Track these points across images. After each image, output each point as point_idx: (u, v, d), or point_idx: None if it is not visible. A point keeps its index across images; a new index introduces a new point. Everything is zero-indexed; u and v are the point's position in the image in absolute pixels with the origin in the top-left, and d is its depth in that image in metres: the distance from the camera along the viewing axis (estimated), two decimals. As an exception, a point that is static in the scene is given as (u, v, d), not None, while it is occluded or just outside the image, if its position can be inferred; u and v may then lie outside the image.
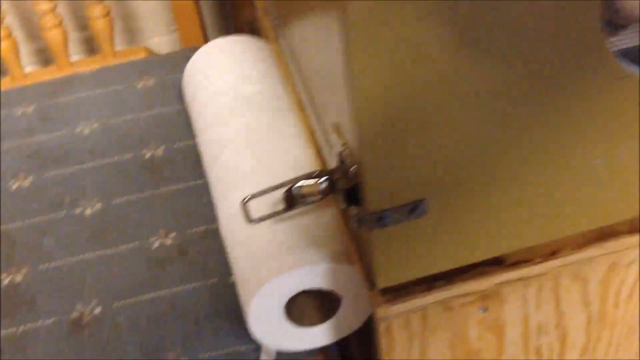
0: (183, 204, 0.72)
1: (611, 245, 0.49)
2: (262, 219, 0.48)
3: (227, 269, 0.63)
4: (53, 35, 0.92)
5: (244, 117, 0.64)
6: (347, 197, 0.44)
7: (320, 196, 0.45)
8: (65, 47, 0.94)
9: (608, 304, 0.53)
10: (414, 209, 0.43)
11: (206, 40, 1.01)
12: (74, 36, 1.06)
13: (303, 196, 0.46)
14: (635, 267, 0.51)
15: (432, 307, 0.49)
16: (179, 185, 0.74)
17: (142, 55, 0.97)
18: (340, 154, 0.46)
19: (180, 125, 0.81)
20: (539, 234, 0.48)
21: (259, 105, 0.66)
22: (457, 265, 0.48)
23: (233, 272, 0.59)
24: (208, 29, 1.11)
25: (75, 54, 1.08)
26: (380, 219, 0.42)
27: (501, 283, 0.49)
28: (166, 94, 0.85)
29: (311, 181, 0.45)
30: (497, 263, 0.49)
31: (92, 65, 0.95)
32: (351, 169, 0.44)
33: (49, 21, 0.92)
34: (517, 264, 0.49)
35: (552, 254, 0.49)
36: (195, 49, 0.81)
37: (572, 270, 0.50)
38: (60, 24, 0.92)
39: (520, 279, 0.50)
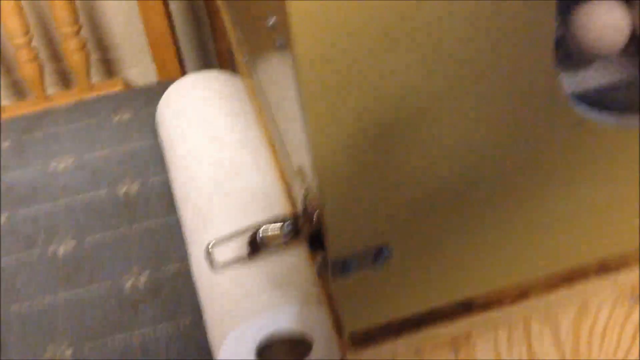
0: (157, 242, 0.71)
1: (581, 286, 0.49)
2: (227, 265, 0.47)
3: (199, 309, 0.62)
4: (29, 69, 0.92)
5: (215, 155, 0.64)
6: (311, 242, 0.44)
7: (285, 241, 0.45)
8: (41, 81, 0.94)
9: (581, 343, 0.53)
10: (378, 254, 0.43)
11: (184, 71, 1.01)
12: (51, 67, 1.05)
13: (267, 241, 0.45)
14: (606, 307, 0.51)
15: (402, 352, 0.48)
16: (153, 222, 0.73)
17: (118, 87, 0.96)
18: (304, 198, 0.45)
19: (155, 160, 0.80)
20: (507, 276, 0.47)
21: (230, 142, 0.66)
22: (425, 309, 0.47)
23: (203, 315, 0.58)
24: (187, 59, 1.11)
25: (53, 86, 1.08)
26: (344, 266, 0.42)
27: (471, 325, 0.49)
28: (141, 128, 0.85)
29: (275, 226, 0.44)
30: (467, 305, 0.48)
31: (68, 98, 0.94)
32: (315, 214, 0.44)
33: (24, 55, 0.91)
34: (486, 306, 0.49)
35: (521, 295, 0.49)
36: (171, 81, 0.81)
37: (542, 312, 0.50)
38: (35, 58, 0.92)
39: (490, 321, 0.49)
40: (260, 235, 0.45)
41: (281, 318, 0.51)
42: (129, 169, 0.80)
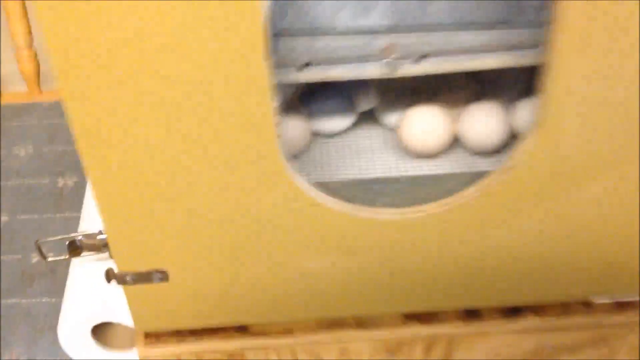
0: (69, 232, 0.85)
1: (339, 334, 0.59)
2: (52, 260, 0.60)
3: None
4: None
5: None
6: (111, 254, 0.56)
7: (97, 250, 0.57)
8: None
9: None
10: (154, 276, 0.54)
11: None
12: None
13: (84, 247, 0.57)
14: (365, 355, 0.61)
15: (185, 356, 0.60)
16: (73, 214, 0.87)
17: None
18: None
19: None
20: (272, 315, 0.58)
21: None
22: (201, 326, 0.59)
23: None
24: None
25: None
26: (123, 278, 0.54)
27: (245, 347, 0.60)
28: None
29: (92, 236, 0.57)
30: (243, 329, 0.60)
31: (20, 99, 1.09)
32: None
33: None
34: (258, 333, 0.60)
35: (287, 331, 0.59)
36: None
37: (307, 348, 0.60)
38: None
39: (261, 347, 0.60)
40: (79, 240, 0.57)
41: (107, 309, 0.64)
42: (74, 166, 0.94)
